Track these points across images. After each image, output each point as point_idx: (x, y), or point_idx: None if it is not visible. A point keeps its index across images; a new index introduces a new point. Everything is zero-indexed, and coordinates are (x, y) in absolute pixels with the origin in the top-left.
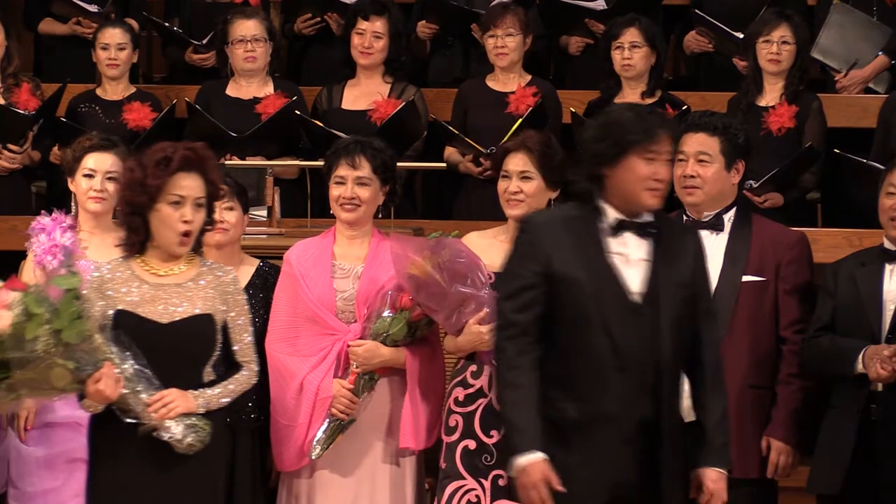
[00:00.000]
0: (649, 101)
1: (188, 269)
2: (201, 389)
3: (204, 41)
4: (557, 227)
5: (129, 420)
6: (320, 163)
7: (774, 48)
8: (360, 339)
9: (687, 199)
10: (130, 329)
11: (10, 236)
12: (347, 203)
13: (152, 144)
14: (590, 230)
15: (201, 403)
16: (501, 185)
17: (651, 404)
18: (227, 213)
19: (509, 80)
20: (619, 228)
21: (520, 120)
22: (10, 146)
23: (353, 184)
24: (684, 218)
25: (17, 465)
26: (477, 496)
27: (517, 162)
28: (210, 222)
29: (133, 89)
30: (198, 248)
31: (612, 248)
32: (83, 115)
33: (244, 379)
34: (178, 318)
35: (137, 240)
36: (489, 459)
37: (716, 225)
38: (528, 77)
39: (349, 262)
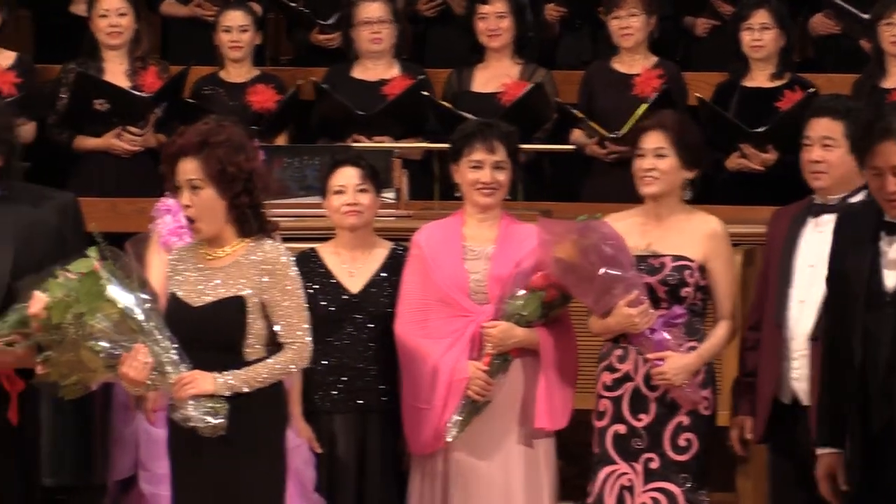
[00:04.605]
0: (778, 82)
1: (235, 250)
2: (230, 371)
3: (329, 21)
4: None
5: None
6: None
7: None
8: (493, 320)
9: (814, 183)
10: (169, 312)
11: (137, 218)
12: (486, 188)
13: (279, 127)
14: (869, 227)
15: (221, 385)
16: (637, 163)
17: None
18: (360, 196)
19: (635, 62)
20: (889, 230)
21: (643, 106)
22: (130, 128)
23: (490, 168)
24: (813, 202)
25: (147, 448)
26: (630, 480)
27: (652, 139)
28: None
29: (257, 72)
30: (263, 229)
31: (882, 248)
32: (207, 98)
33: (283, 361)
34: (207, 302)
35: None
36: (640, 443)
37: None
38: (654, 59)
39: (479, 244)
